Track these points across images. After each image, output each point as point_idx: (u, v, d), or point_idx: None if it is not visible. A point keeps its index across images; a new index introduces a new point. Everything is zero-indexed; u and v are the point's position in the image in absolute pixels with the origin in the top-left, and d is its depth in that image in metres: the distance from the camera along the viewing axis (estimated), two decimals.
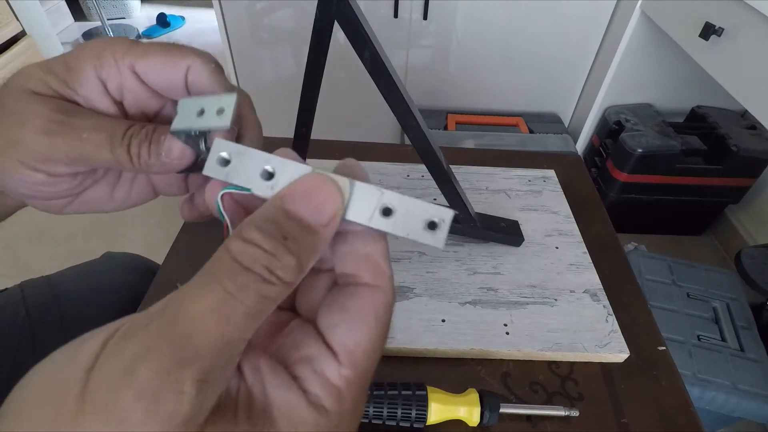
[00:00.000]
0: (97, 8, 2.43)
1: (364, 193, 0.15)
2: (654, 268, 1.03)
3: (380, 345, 0.16)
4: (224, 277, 0.13)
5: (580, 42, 1.44)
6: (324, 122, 0.88)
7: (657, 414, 0.40)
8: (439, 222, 0.15)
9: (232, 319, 0.13)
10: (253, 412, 0.14)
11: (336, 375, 0.15)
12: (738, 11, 0.88)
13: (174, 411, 0.12)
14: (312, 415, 0.14)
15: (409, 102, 0.42)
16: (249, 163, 0.16)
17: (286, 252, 0.14)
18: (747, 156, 1.30)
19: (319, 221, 0.15)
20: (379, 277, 0.16)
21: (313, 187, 0.15)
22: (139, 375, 0.12)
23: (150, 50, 0.19)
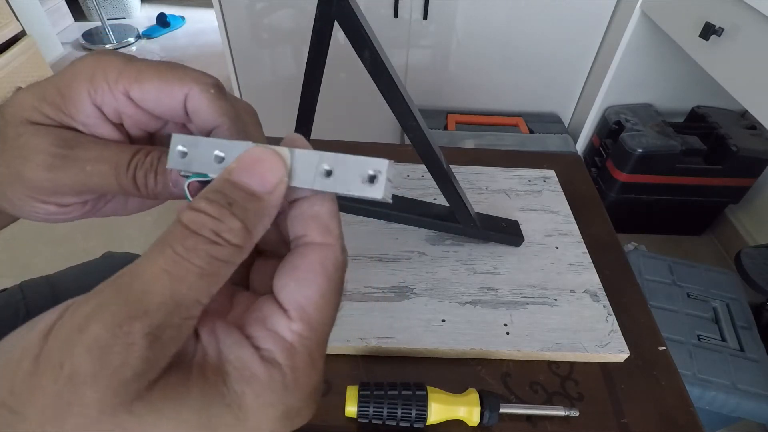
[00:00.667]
0: (97, 8, 2.43)
1: (305, 159, 0.16)
2: (654, 268, 1.03)
3: (332, 301, 0.16)
4: (175, 242, 0.14)
5: (580, 42, 1.44)
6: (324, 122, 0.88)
7: (657, 414, 0.40)
8: (377, 173, 0.15)
9: (183, 279, 0.14)
10: (206, 369, 0.14)
11: (287, 330, 0.15)
12: (738, 11, 0.88)
13: (123, 363, 0.12)
14: (264, 369, 0.15)
15: (409, 102, 0.42)
16: (203, 151, 0.17)
17: (232, 216, 0.15)
18: (747, 156, 1.29)
19: (263, 188, 0.15)
20: (326, 235, 0.17)
21: (256, 158, 0.16)
22: (90, 330, 0.12)
23: (144, 74, 0.18)
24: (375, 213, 0.53)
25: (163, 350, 0.13)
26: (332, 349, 0.43)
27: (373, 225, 0.54)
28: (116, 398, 0.12)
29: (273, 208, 0.16)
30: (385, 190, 0.16)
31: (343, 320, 0.44)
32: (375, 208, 0.52)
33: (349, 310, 0.45)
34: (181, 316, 0.14)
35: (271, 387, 0.15)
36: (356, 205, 0.52)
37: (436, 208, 0.53)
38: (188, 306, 0.14)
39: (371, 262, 0.50)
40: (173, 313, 0.13)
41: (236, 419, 0.14)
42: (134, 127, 0.21)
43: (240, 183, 0.15)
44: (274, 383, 0.15)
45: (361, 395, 0.37)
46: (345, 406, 0.38)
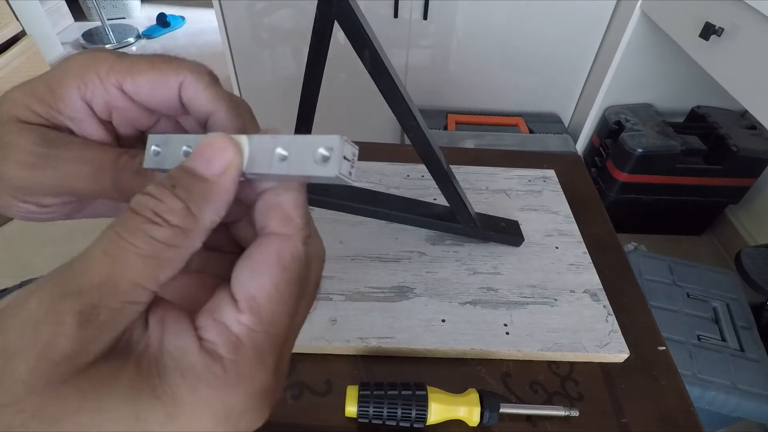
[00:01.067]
0: (97, 8, 2.43)
1: (260, 144, 0.16)
2: (654, 268, 1.03)
3: (289, 293, 0.15)
4: (116, 223, 0.14)
5: (580, 42, 1.44)
6: (324, 122, 0.88)
7: (657, 414, 0.40)
8: (328, 151, 0.15)
9: (120, 260, 0.13)
10: (143, 359, 0.14)
11: (234, 322, 0.14)
12: (738, 11, 0.88)
13: (52, 341, 0.12)
14: (203, 360, 0.14)
15: (409, 102, 0.42)
16: (174, 147, 0.17)
17: (172, 196, 0.14)
18: (747, 156, 1.30)
19: (210, 171, 0.15)
20: (286, 225, 0.16)
21: (206, 143, 0.15)
22: (26, 306, 0.12)
23: (137, 66, 0.18)
24: (375, 213, 0.53)
25: (98, 333, 0.13)
26: (332, 349, 0.43)
27: (373, 225, 0.54)
28: (43, 378, 0.12)
29: (224, 192, 0.15)
30: (339, 168, 0.14)
31: (343, 320, 0.44)
32: (375, 208, 0.52)
33: (349, 310, 0.45)
34: (120, 300, 0.13)
35: (208, 381, 0.14)
36: (356, 206, 0.52)
37: (436, 208, 0.53)
38: (127, 289, 0.13)
39: (371, 262, 0.50)
40: (110, 294, 0.13)
41: (168, 415, 0.13)
42: (125, 123, 0.20)
43: (188, 167, 0.15)
44: (212, 378, 0.14)
45: (361, 395, 0.37)
46: (345, 406, 0.38)
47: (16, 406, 0.12)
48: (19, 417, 0.12)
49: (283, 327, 0.15)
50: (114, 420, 0.13)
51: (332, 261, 0.50)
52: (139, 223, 0.14)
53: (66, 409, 0.12)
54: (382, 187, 0.59)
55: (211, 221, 0.15)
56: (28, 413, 0.12)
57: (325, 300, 0.46)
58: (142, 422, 0.13)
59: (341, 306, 0.45)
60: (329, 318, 0.44)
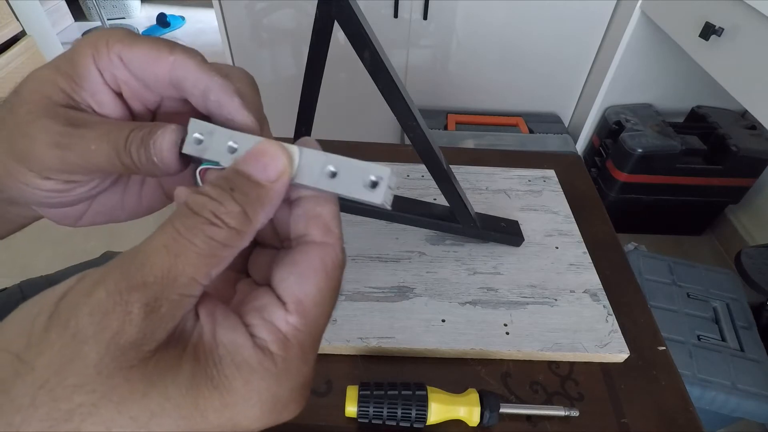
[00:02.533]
0: (97, 8, 2.43)
1: (312, 158, 0.17)
2: (654, 268, 1.03)
3: (329, 298, 0.17)
4: (176, 220, 0.15)
5: (580, 42, 1.44)
6: (324, 122, 0.88)
7: (657, 414, 0.40)
8: (378, 180, 0.16)
9: (180, 256, 0.14)
10: (199, 350, 0.15)
11: (283, 322, 0.16)
12: (738, 11, 0.88)
13: (120, 329, 0.13)
14: (256, 355, 0.15)
15: (409, 102, 0.42)
16: (218, 140, 0.18)
17: (231, 200, 0.15)
18: (747, 156, 1.29)
19: (265, 177, 0.16)
20: (328, 235, 0.17)
21: (262, 150, 0.17)
22: (95, 295, 0.13)
23: (138, 41, 0.19)
24: (375, 213, 0.53)
25: (160, 323, 0.14)
26: (332, 349, 0.43)
27: (373, 225, 0.54)
28: (113, 362, 0.13)
29: (275, 198, 0.16)
30: (384, 196, 0.16)
31: (343, 320, 0.44)
32: (375, 209, 0.52)
33: (349, 310, 0.45)
34: (178, 292, 0.14)
35: (260, 374, 0.15)
36: (356, 205, 0.52)
37: (436, 208, 0.53)
38: (185, 283, 0.14)
39: (371, 262, 0.50)
40: (170, 287, 0.14)
41: (223, 403, 0.14)
42: (133, 97, 0.21)
43: (244, 171, 0.16)
44: (264, 371, 0.15)
45: (361, 395, 0.37)
46: (345, 406, 0.38)
47: (87, 387, 0.13)
48: (90, 396, 0.13)
49: (322, 327, 0.17)
50: (177, 405, 0.14)
51: None
52: (199, 222, 0.15)
53: (134, 393, 0.13)
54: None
55: (262, 223, 0.16)
56: (98, 393, 0.13)
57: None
58: (201, 409, 0.14)
59: (341, 306, 0.45)
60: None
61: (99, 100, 0.20)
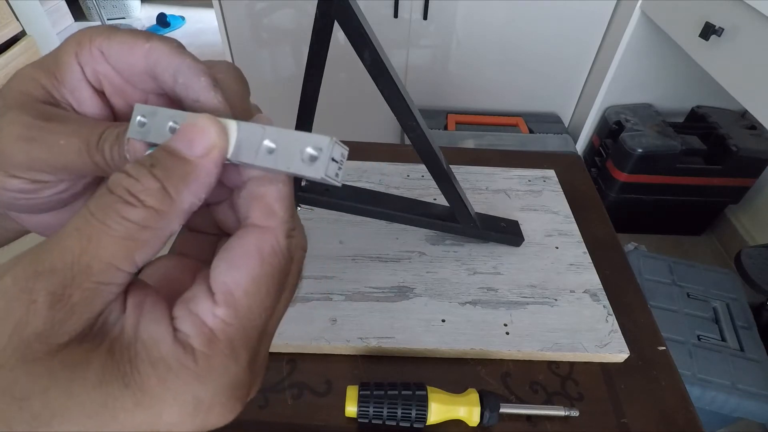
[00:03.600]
0: (97, 8, 2.43)
1: (249, 133, 0.15)
2: (654, 268, 1.03)
3: (267, 288, 0.15)
4: (91, 202, 0.13)
5: (580, 42, 1.44)
6: (324, 122, 0.88)
7: (657, 414, 0.40)
8: (317, 152, 0.14)
9: (93, 239, 0.13)
10: (116, 345, 0.13)
11: (209, 314, 0.14)
12: (738, 11, 0.88)
13: (23, 319, 0.12)
14: (175, 351, 0.13)
15: (409, 102, 0.42)
16: (160, 120, 0.17)
17: (150, 176, 0.14)
18: (747, 156, 1.30)
19: (192, 153, 0.15)
20: (268, 218, 0.15)
21: (192, 125, 0.15)
22: (2, 282, 0.12)
23: (117, 33, 0.18)
24: (375, 213, 0.53)
25: (70, 313, 0.13)
26: (332, 349, 0.43)
27: (373, 225, 0.54)
28: (15, 353, 0.12)
29: (203, 176, 0.15)
30: (326, 169, 0.14)
31: (343, 320, 0.44)
32: (375, 209, 0.52)
33: (349, 310, 0.45)
34: (93, 280, 0.13)
35: (178, 373, 0.13)
36: (356, 206, 0.52)
37: (436, 208, 0.53)
38: (101, 269, 0.13)
39: (371, 262, 0.50)
40: (82, 274, 0.13)
41: (136, 403, 0.13)
42: (115, 95, 0.20)
43: (169, 146, 0.15)
44: (182, 369, 0.13)
45: (361, 395, 0.37)
46: (345, 406, 0.38)
47: None
48: None
49: (259, 322, 0.15)
50: (82, 403, 0.12)
51: (332, 261, 0.50)
52: (112, 202, 0.13)
53: (35, 387, 0.12)
54: (382, 187, 0.59)
55: (190, 204, 0.15)
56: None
57: (325, 300, 0.46)
58: (109, 409, 0.13)
59: (341, 306, 0.45)
60: (329, 318, 0.44)
61: (79, 98, 0.19)
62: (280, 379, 0.41)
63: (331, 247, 0.51)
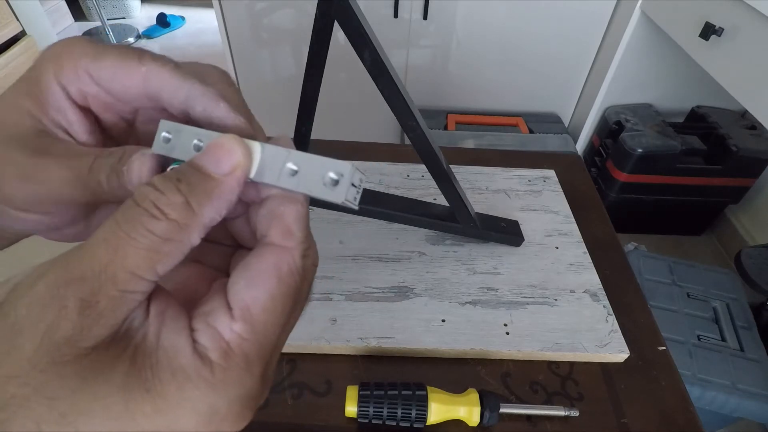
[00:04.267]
0: (97, 8, 2.43)
1: (273, 155, 0.16)
2: (654, 268, 1.03)
3: (282, 306, 0.16)
4: (118, 212, 0.14)
5: (580, 42, 1.44)
6: (324, 122, 0.88)
7: (657, 414, 0.40)
8: (339, 177, 0.15)
9: (119, 249, 0.14)
10: (139, 351, 0.14)
11: (227, 329, 0.15)
12: (738, 11, 0.88)
13: (54, 324, 0.13)
14: (194, 362, 0.14)
15: (409, 102, 0.42)
16: (185, 138, 0.17)
17: (175, 190, 0.15)
18: (747, 156, 1.30)
19: (217, 170, 0.15)
20: (286, 238, 0.16)
21: (217, 143, 0.16)
22: (35, 288, 0.13)
23: (105, 53, 0.18)
24: (375, 213, 0.53)
25: (98, 319, 0.13)
26: (332, 349, 0.43)
27: (373, 225, 0.54)
28: (47, 356, 0.13)
29: (226, 192, 0.15)
30: (346, 194, 0.15)
31: (343, 320, 0.44)
32: (375, 209, 0.52)
33: (349, 310, 0.45)
34: (118, 288, 0.14)
35: (195, 383, 0.14)
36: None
37: (436, 208, 0.53)
38: (125, 279, 0.14)
39: (371, 262, 0.50)
40: (108, 283, 0.13)
41: (155, 408, 0.14)
42: (105, 111, 0.20)
43: (196, 163, 0.16)
44: (199, 379, 0.14)
45: (361, 395, 0.37)
46: (345, 406, 0.38)
47: (21, 379, 0.13)
48: (23, 389, 0.13)
49: (272, 337, 0.16)
50: (106, 406, 0.13)
51: (332, 261, 0.50)
52: (138, 214, 0.14)
53: (64, 389, 0.13)
54: (382, 187, 0.59)
55: (211, 218, 0.15)
56: (31, 387, 0.13)
57: (325, 300, 0.46)
58: (130, 412, 0.13)
59: (341, 306, 0.45)
60: (329, 318, 0.44)
61: (68, 119, 0.19)
62: (280, 379, 0.41)
63: (331, 247, 0.51)
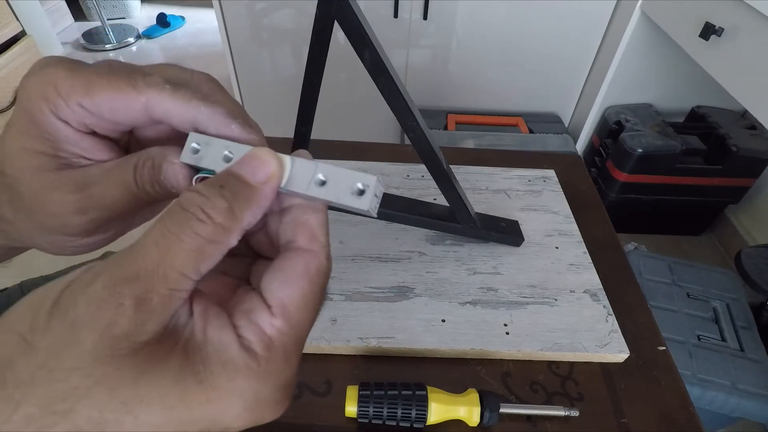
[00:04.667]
0: (97, 8, 2.43)
1: (302, 167, 0.18)
2: (654, 268, 1.03)
3: (313, 303, 0.17)
4: (167, 216, 0.16)
5: (580, 42, 1.44)
6: (324, 122, 0.88)
7: (657, 414, 0.40)
8: (365, 188, 0.17)
9: (168, 251, 0.15)
10: (189, 345, 0.16)
11: (268, 324, 0.16)
12: (738, 11, 0.88)
13: (112, 320, 0.14)
14: (241, 355, 0.16)
15: (409, 102, 0.42)
16: (214, 149, 0.19)
17: (219, 196, 0.16)
18: (747, 156, 1.29)
19: (255, 179, 0.17)
20: (312, 242, 0.18)
21: (255, 154, 0.18)
22: (93, 286, 0.14)
23: (94, 85, 0.18)
24: None
25: (151, 316, 0.15)
26: (332, 349, 0.43)
27: (373, 225, 0.54)
28: (107, 350, 0.14)
29: (263, 199, 0.17)
30: (370, 203, 0.17)
31: (343, 320, 0.44)
32: None
33: (349, 310, 0.45)
34: (168, 287, 0.15)
35: (244, 373, 0.15)
36: None
37: (436, 208, 0.53)
38: (175, 278, 0.15)
39: (371, 262, 0.50)
40: (160, 282, 0.15)
41: (207, 398, 0.15)
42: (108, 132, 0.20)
43: (235, 172, 0.17)
44: (248, 370, 0.15)
45: (361, 395, 0.37)
46: (345, 406, 0.38)
47: (83, 371, 0.14)
48: (86, 381, 0.14)
49: (306, 331, 0.17)
50: (163, 395, 0.14)
51: (332, 261, 0.50)
52: (186, 218, 0.15)
53: (125, 380, 0.14)
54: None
55: (248, 223, 0.17)
56: (93, 378, 0.14)
57: (326, 300, 0.46)
58: (185, 402, 0.15)
59: (341, 306, 0.45)
60: (329, 318, 0.44)
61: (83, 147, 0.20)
62: None
63: (331, 247, 0.51)
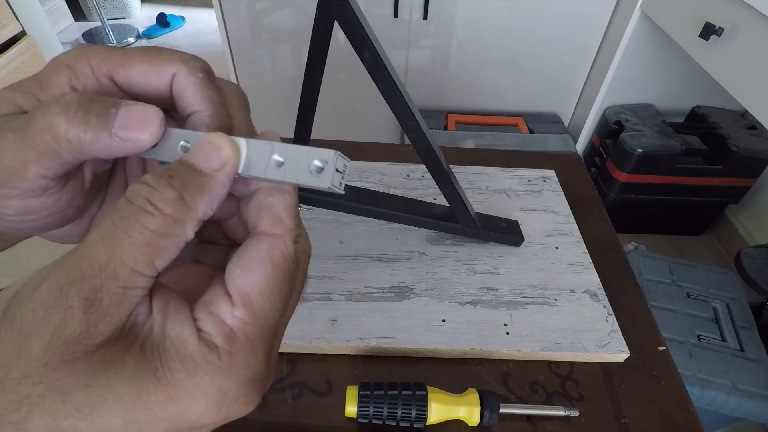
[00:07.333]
0: (97, 8, 2.43)
1: (259, 149, 0.17)
2: (654, 268, 1.03)
3: (279, 290, 0.16)
4: (113, 212, 0.15)
5: (580, 42, 1.44)
6: (324, 122, 0.88)
7: (657, 414, 0.40)
8: (323, 164, 0.16)
9: (116, 247, 0.14)
10: (147, 343, 0.15)
11: (229, 315, 0.16)
12: (738, 11, 0.88)
13: (62, 323, 0.13)
14: (200, 349, 0.15)
15: (409, 102, 0.42)
16: (171, 141, 0.18)
17: (168, 186, 0.15)
18: (747, 156, 1.30)
19: (206, 165, 0.16)
20: (277, 226, 0.17)
21: (206, 140, 0.17)
22: (39, 290, 0.14)
23: (131, 58, 0.18)
24: (375, 213, 0.53)
25: (103, 317, 0.14)
26: (332, 349, 0.43)
27: (373, 225, 0.54)
28: (57, 355, 0.13)
29: (217, 187, 0.16)
30: (332, 179, 0.16)
31: (343, 320, 0.44)
32: (375, 209, 0.52)
33: (349, 310, 0.45)
34: (119, 285, 0.14)
35: (204, 368, 0.15)
36: (357, 206, 0.52)
37: (436, 208, 0.53)
38: (126, 275, 0.14)
39: (371, 262, 0.50)
40: (110, 281, 0.14)
41: (167, 396, 0.14)
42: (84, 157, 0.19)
43: (185, 160, 0.16)
44: (208, 365, 0.15)
45: (361, 395, 0.37)
46: (345, 406, 0.38)
47: (33, 378, 0.13)
48: (37, 388, 0.13)
49: (273, 320, 0.16)
50: (119, 397, 0.14)
51: (332, 261, 0.50)
52: (132, 211, 0.14)
53: (77, 384, 0.14)
54: (382, 187, 0.59)
55: (203, 212, 0.16)
56: (44, 385, 0.13)
57: (325, 300, 0.46)
58: (144, 401, 0.14)
59: (341, 306, 0.45)
60: (329, 318, 0.44)
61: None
62: (280, 378, 0.41)
63: (331, 247, 0.51)
